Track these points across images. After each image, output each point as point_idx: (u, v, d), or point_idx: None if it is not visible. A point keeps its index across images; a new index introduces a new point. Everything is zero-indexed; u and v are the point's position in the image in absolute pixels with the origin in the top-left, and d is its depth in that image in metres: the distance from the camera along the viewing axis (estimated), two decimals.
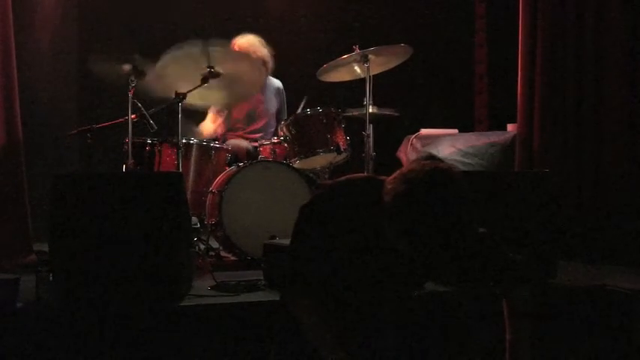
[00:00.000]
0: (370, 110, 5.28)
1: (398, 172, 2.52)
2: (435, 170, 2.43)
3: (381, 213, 2.52)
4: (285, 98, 6.21)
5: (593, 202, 5.29)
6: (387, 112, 5.52)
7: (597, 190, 5.29)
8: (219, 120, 6.03)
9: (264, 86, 5.98)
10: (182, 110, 4.90)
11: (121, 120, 4.99)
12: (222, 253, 5.13)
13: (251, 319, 3.54)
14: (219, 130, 6.02)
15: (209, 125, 6.01)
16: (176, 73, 4.90)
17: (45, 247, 3.74)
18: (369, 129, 5.28)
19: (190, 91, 4.87)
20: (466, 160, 5.82)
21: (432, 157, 2.51)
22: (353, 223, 2.67)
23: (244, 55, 5.32)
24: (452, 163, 5.62)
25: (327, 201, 2.76)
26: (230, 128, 6.04)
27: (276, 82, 6.20)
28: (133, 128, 4.85)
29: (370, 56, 5.25)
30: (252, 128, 6.03)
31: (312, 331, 2.64)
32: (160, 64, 4.83)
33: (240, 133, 5.99)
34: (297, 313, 2.69)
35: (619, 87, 5.22)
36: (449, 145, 6.01)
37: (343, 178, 2.85)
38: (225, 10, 7.24)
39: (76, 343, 3.34)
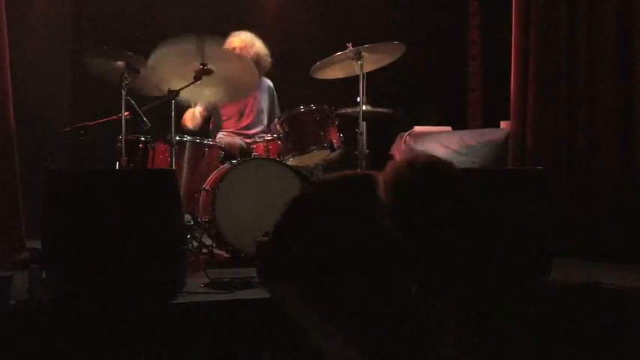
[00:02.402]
0: (363, 108, 5.28)
1: (391, 166, 2.55)
2: (432, 163, 2.47)
3: (375, 207, 2.54)
4: (276, 97, 6.23)
5: (587, 199, 5.30)
6: (380, 109, 5.52)
7: (591, 187, 5.30)
8: (204, 114, 6.03)
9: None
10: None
11: (114, 117, 4.98)
12: (216, 251, 5.12)
13: (244, 317, 3.54)
14: (210, 127, 6.06)
15: (195, 117, 5.98)
16: (169, 67, 4.89)
17: (38, 245, 3.73)
18: (363, 126, 5.27)
19: (183, 88, 4.87)
20: (460, 159, 5.83)
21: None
22: (346, 216, 2.68)
23: (239, 56, 5.30)
24: None
25: (320, 195, 2.78)
26: (219, 126, 6.06)
27: (267, 81, 6.21)
28: (126, 125, 4.85)
29: (364, 53, 5.24)
30: (242, 124, 6.04)
31: (313, 327, 2.66)
32: (153, 56, 4.81)
33: (232, 129, 5.99)
34: (296, 314, 2.71)
35: (613, 84, 5.23)
36: (442, 145, 6.02)
37: (335, 174, 2.86)
38: (219, 7, 7.23)
39: (69, 340, 3.33)
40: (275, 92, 6.25)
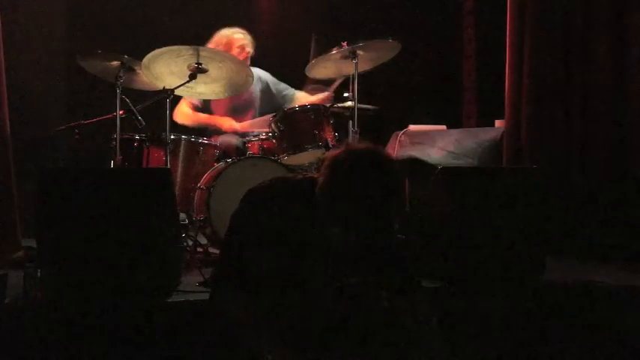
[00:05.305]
0: (358, 106, 5.27)
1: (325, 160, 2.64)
2: (367, 145, 2.56)
3: (315, 206, 2.61)
4: (270, 82, 6.21)
5: (582, 198, 5.31)
6: (375, 107, 5.52)
7: (585, 186, 5.30)
8: (195, 112, 6.01)
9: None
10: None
11: (109, 116, 4.97)
12: (211, 249, 5.11)
13: None
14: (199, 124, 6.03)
15: (186, 113, 5.97)
16: (163, 66, 4.88)
17: (33, 244, 3.73)
18: (357, 125, 5.27)
19: (179, 86, 4.86)
20: (456, 162, 5.82)
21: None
22: (287, 218, 2.73)
23: (232, 57, 5.29)
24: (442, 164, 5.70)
25: (260, 200, 2.83)
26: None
27: (258, 72, 6.08)
28: (121, 124, 4.84)
29: (358, 52, 5.23)
30: (241, 120, 6.03)
31: (247, 329, 2.68)
32: (147, 57, 4.80)
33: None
34: (230, 312, 2.74)
35: (607, 83, 5.24)
36: (438, 147, 6.01)
37: (276, 177, 2.93)
38: (213, 6, 7.23)
39: (64, 338, 3.33)
40: (268, 78, 6.23)
